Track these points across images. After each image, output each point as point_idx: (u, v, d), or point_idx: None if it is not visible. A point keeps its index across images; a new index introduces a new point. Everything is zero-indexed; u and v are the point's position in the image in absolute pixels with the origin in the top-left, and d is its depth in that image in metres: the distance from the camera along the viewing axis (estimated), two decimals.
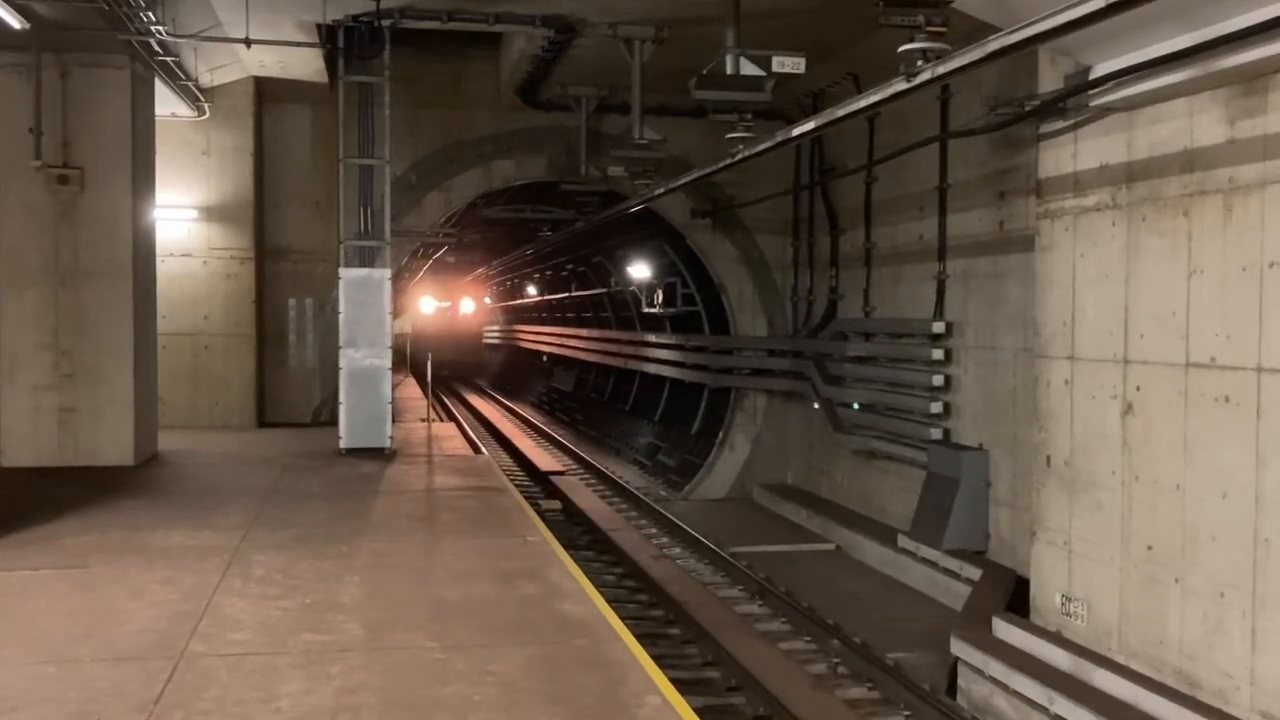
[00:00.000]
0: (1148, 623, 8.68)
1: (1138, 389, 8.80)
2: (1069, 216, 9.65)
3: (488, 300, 56.81)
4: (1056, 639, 9.56)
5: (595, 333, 32.28)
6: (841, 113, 10.29)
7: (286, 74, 17.72)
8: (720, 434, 21.42)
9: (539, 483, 21.15)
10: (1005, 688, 9.51)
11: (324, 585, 8.32)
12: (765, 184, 18.96)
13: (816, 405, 17.87)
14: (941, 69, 8.49)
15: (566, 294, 35.96)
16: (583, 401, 34.44)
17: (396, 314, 49.41)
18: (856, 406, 16.66)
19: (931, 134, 14.00)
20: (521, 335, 47.24)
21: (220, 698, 5.95)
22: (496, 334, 57.06)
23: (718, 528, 17.12)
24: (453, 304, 55.51)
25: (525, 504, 12.00)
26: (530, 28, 14.97)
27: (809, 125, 11.14)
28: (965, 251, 14.16)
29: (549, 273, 37.50)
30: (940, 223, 14.63)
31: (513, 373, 49.64)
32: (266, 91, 18.62)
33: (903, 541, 14.46)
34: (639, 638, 7.43)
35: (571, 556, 9.73)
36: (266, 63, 17.04)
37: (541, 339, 41.75)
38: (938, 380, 14.46)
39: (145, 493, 12.34)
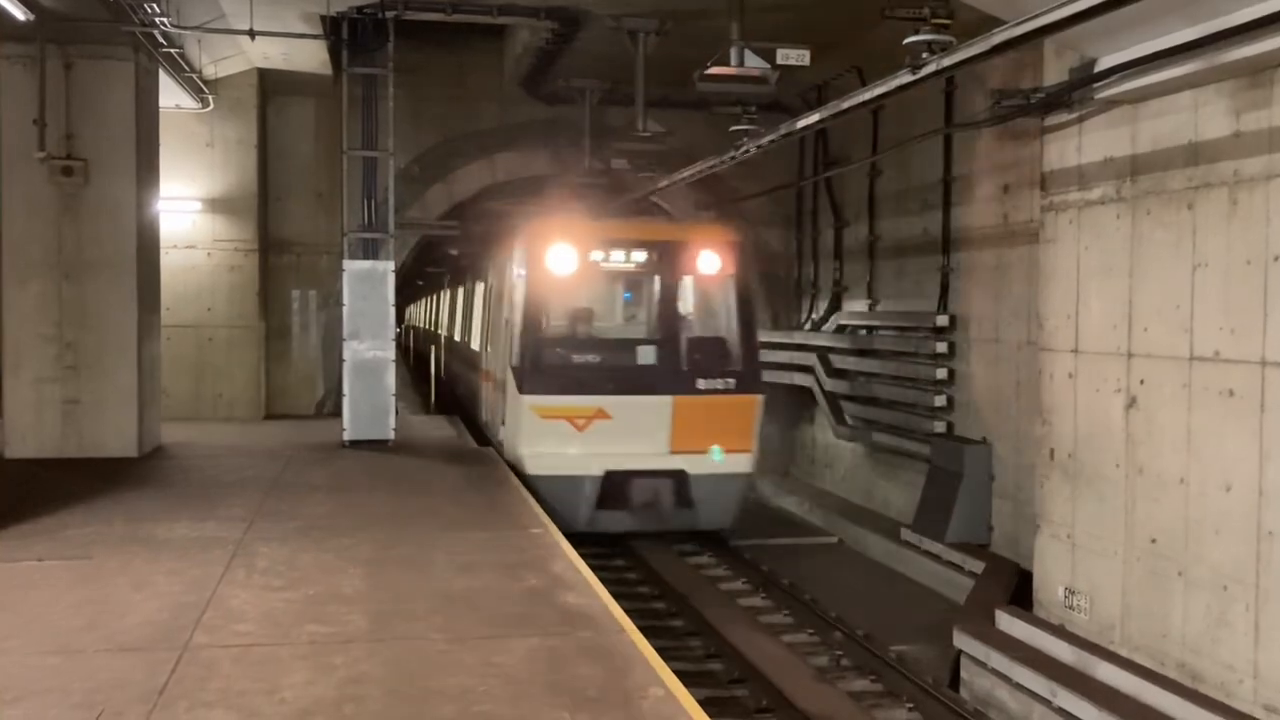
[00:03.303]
0: (1151, 616, 8.68)
1: (1141, 382, 8.79)
2: (1073, 209, 9.64)
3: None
4: (1059, 632, 9.56)
5: None
6: (846, 105, 10.30)
7: (290, 66, 17.72)
8: None
9: None
10: (1008, 680, 9.51)
11: (327, 577, 8.33)
12: (769, 176, 18.94)
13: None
14: (946, 61, 8.50)
15: None
16: None
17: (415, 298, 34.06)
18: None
19: (936, 127, 13.99)
20: None
21: (224, 689, 5.96)
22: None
23: None
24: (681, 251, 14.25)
25: (528, 496, 11.99)
26: (534, 20, 14.97)
27: (813, 118, 11.14)
28: (969, 245, 14.14)
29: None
30: (944, 216, 14.61)
31: None
32: (270, 83, 18.61)
33: (905, 535, 14.46)
34: (642, 630, 7.44)
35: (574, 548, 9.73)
36: (270, 55, 17.04)
37: None
38: (941, 374, 14.45)
39: (149, 484, 12.36)
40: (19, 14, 11.56)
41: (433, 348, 32.59)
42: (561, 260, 13.67)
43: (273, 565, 8.66)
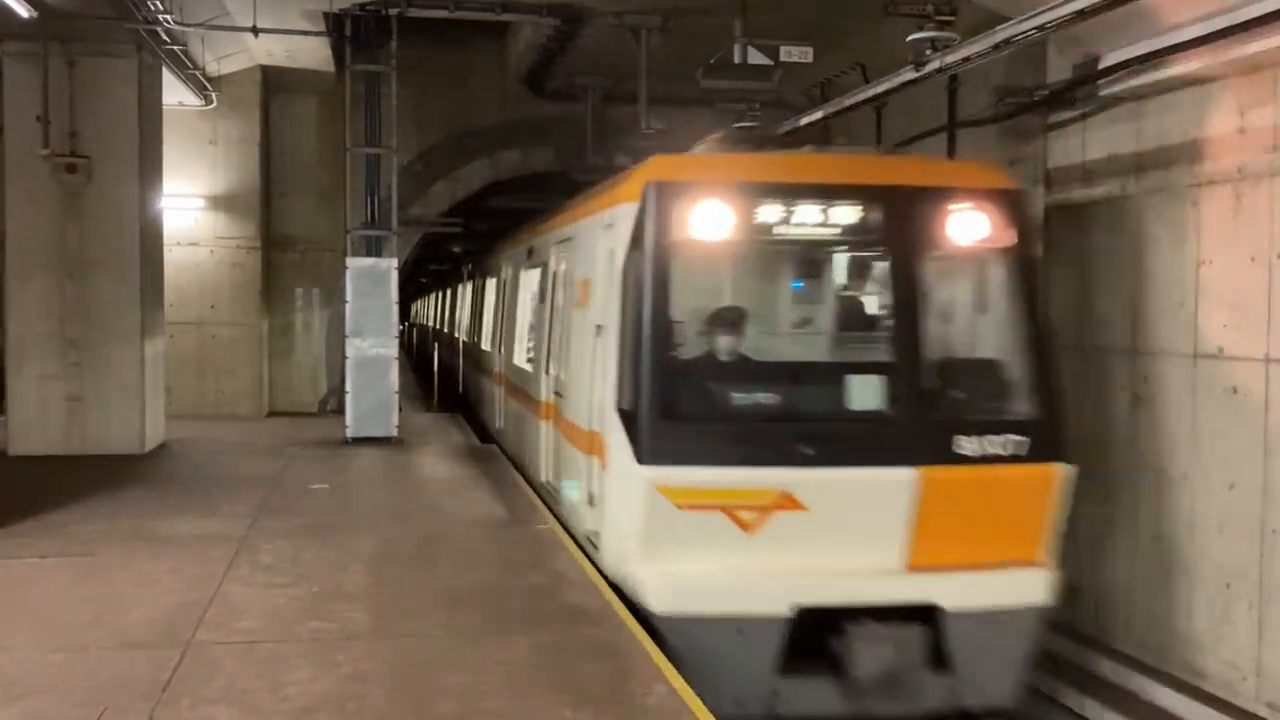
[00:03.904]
0: (1154, 613, 8.66)
1: (1145, 380, 8.77)
2: (1077, 207, 9.62)
3: None
4: (1063, 629, 9.55)
5: None
6: (849, 102, 10.28)
7: (293, 63, 17.71)
8: None
9: None
10: None
11: (331, 574, 8.32)
12: None
13: None
14: (950, 58, 8.50)
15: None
16: None
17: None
18: None
19: (939, 124, 13.95)
20: None
21: (227, 686, 5.95)
22: None
23: None
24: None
25: (531, 492, 11.98)
26: (537, 17, 14.96)
27: (816, 115, 11.13)
28: None
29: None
30: None
31: None
32: (273, 81, 18.59)
33: None
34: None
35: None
36: (273, 52, 17.02)
37: None
38: None
39: (152, 481, 12.35)
40: (22, 11, 11.55)
41: (438, 345, 30.23)
42: (710, 225, 7.78)
43: (276, 562, 8.65)
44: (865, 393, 7.77)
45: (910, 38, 8.86)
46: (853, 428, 7.71)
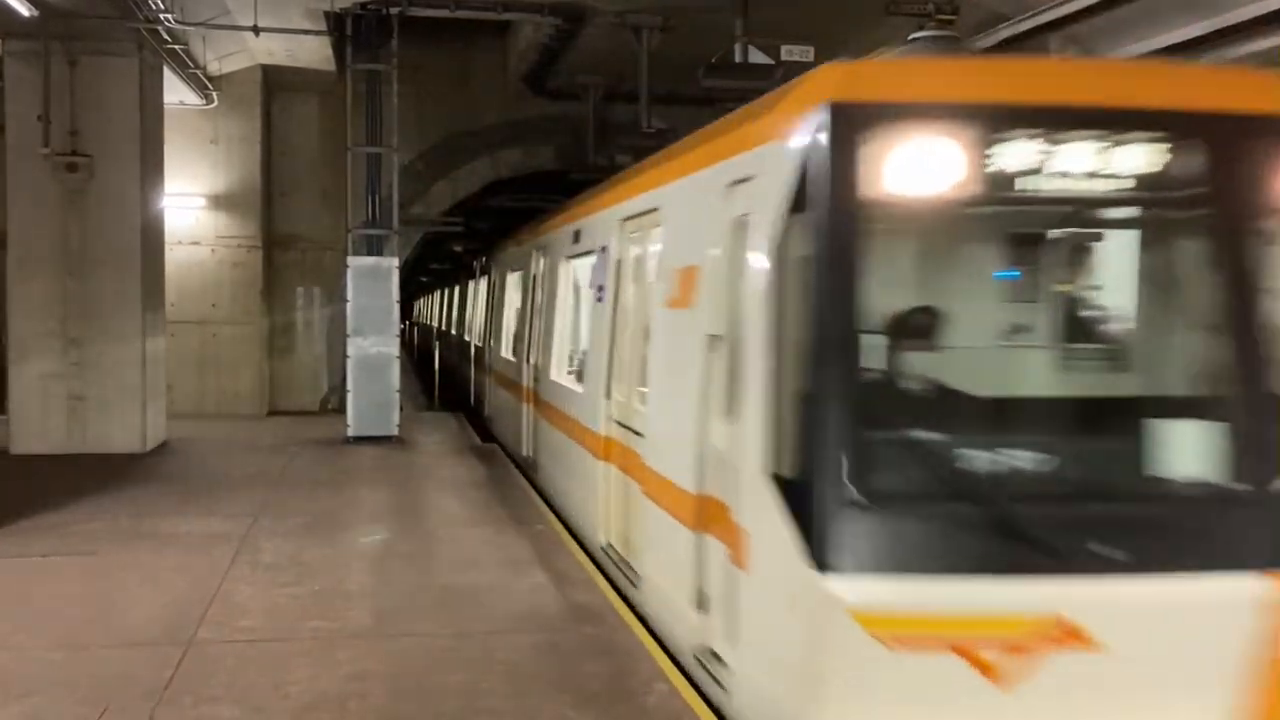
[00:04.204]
0: None
1: None
2: None
3: None
4: None
5: None
6: None
7: (294, 62, 17.73)
8: None
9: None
10: None
11: (332, 572, 8.34)
12: None
13: None
14: None
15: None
16: None
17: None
18: None
19: None
20: None
21: (229, 684, 5.97)
22: None
23: None
24: None
25: (533, 492, 11.99)
26: (538, 16, 14.98)
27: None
28: None
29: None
30: None
31: None
32: (274, 80, 18.61)
33: None
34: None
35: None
36: (274, 51, 17.04)
37: None
38: None
39: (154, 480, 12.37)
40: (24, 10, 11.57)
41: (445, 349, 28.90)
42: (932, 174, 4.67)
43: (277, 560, 8.67)
44: (1189, 451, 4.90)
45: (911, 36, 8.84)
46: (1173, 512, 4.82)
